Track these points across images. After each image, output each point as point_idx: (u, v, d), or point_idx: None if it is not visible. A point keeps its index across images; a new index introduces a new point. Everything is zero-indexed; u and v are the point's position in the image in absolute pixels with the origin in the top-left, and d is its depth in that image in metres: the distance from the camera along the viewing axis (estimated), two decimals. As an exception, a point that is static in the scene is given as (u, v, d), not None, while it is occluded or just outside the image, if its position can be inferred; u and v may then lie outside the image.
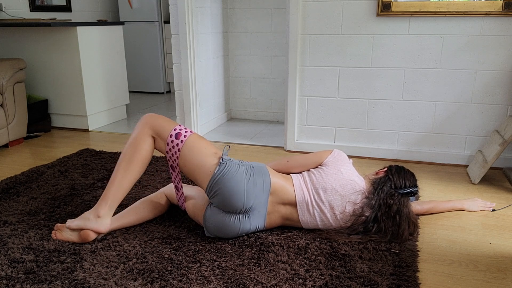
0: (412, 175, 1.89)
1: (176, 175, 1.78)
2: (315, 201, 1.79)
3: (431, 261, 1.68)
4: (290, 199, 1.80)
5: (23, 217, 1.98)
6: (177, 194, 1.87)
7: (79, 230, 1.75)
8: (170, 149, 1.72)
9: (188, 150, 1.70)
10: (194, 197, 1.89)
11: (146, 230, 1.87)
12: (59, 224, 1.81)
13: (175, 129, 1.72)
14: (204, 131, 3.60)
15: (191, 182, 2.41)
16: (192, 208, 1.86)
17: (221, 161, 1.70)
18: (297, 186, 1.81)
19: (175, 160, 1.72)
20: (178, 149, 1.70)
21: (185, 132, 1.73)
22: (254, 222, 1.77)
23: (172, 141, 1.71)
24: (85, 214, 1.77)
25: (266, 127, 3.79)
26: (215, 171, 1.68)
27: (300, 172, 1.91)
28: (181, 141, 1.70)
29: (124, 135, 3.55)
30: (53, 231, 1.81)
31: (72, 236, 1.76)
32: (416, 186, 1.85)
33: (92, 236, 1.75)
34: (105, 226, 1.75)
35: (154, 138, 1.75)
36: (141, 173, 1.78)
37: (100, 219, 1.74)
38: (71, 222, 1.76)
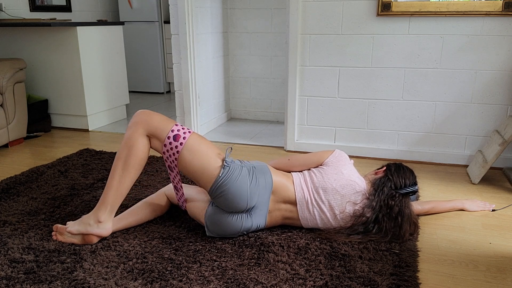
0: (411, 172, 1.88)
1: (175, 176, 1.74)
2: (315, 200, 1.79)
3: (431, 261, 1.68)
4: (290, 197, 1.80)
5: (23, 217, 1.98)
6: (176, 194, 1.86)
7: (80, 234, 1.75)
8: (167, 150, 1.66)
9: (189, 153, 1.65)
10: (194, 197, 1.89)
11: (146, 230, 1.87)
12: (59, 226, 1.79)
13: (172, 130, 1.66)
14: (204, 131, 3.60)
15: (191, 182, 2.41)
16: (193, 209, 1.86)
17: (225, 163, 1.67)
18: (297, 185, 1.81)
19: (173, 161, 1.67)
20: (177, 151, 1.64)
21: (184, 133, 1.67)
22: (256, 220, 1.77)
23: (170, 143, 1.64)
24: (85, 218, 1.75)
25: (266, 127, 3.79)
26: (219, 175, 1.65)
27: (301, 171, 1.92)
28: (180, 143, 1.64)
29: (124, 135, 3.54)
30: (53, 232, 1.80)
31: (74, 239, 1.75)
32: (416, 184, 1.85)
33: (96, 240, 1.75)
34: (107, 231, 1.75)
35: (149, 137, 1.68)
36: (138, 175, 1.74)
37: (102, 224, 1.73)
38: (72, 227, 1.74)
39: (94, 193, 2.26)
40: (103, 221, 1.73)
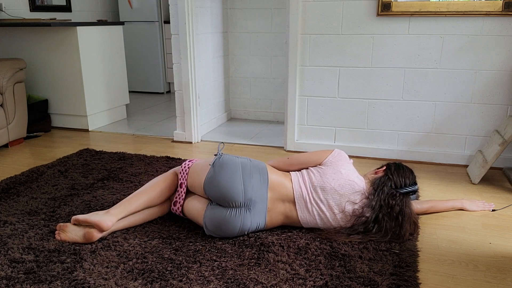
0: (411, 172, 1.89)
1: (181, 192, 1.89)
2: (313, 199, 1.80)
3: (431, 261, 1.68)
4: (288, 195, 1.81)
5: (23, 217, 1.98)
6: (173, 208, 1.94)
7: (85, 224, 1.77)
8: (182, 170, 1.91)
9: (194, 166, 1.90)
10: (194, 197, 1.89)
11: (146, 230, 1.87)
12: (61, 224, 1.81)
13: (190, 160, 1.96)
14: (204, 131, 3.60)
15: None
16: (191, 208, 1.86)
17: (215, 154, 1.85)
18: (295, 183, 1.83)
19: (184, 177, 1.89)
20: (188, 167, 1.91)
21: (196, 160, 1.96)
22: (255, 218, 1.77)
23: (185, 164, 1.93)
24: (97, 212, 1.83)
25: (266, 127, 3.79)
26: (211, 164, 1.81)
27: (299, 170, 1.92)
28: (192, 162, 1.93)
29: (124, 135, 3.55)
30: (56, 232, 1.81)
31: (76, 236, 1.76)
32: (415, 183, 1.86)
33: (96, 236, 1.75)
34: (107, 222, 1.76)
35: (177, 175, 1.96)
36: (157, 200, 1.90)
37: (108, 215, 1.78)
38: (79, 215, 1.79)
39: (94, 193, 2.27)
40: (111, 213, 1.80)
